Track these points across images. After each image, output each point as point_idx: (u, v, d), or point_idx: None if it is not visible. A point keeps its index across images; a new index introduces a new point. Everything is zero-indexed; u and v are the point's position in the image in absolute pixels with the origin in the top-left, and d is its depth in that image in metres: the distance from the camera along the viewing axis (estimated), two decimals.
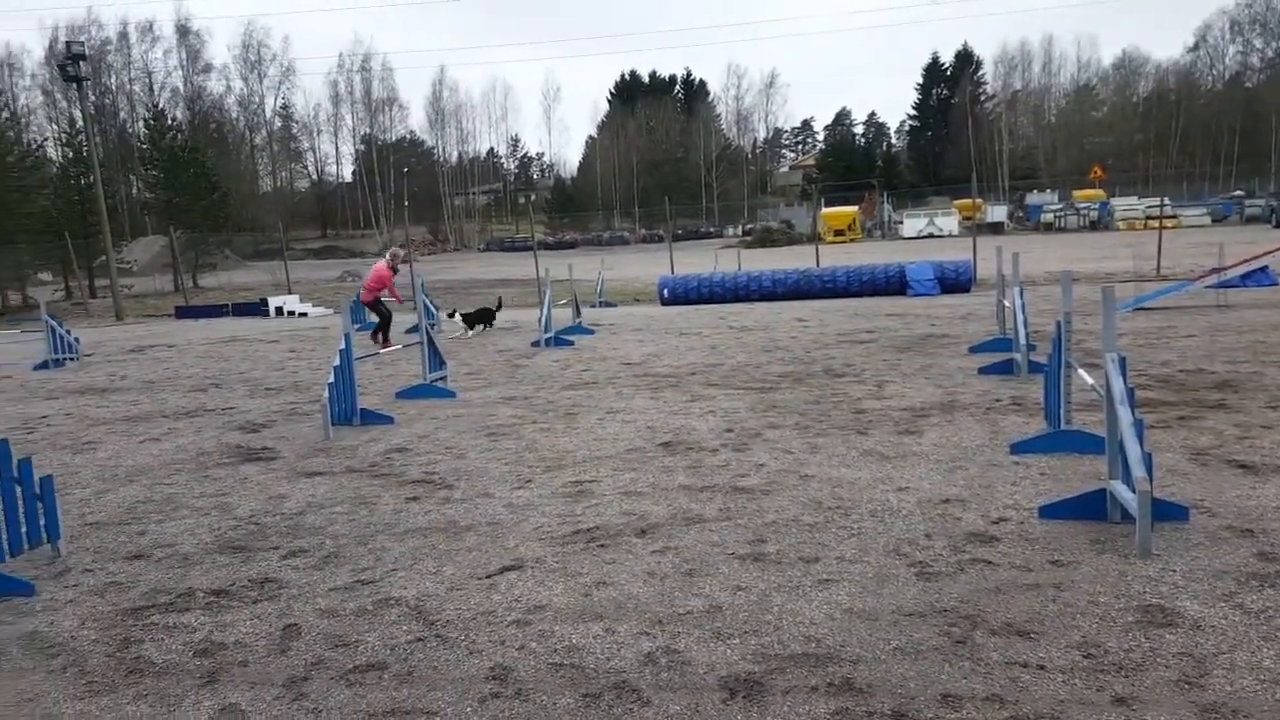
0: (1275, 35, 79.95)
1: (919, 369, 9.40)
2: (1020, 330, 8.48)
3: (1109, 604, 3.54)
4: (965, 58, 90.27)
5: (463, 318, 15.71)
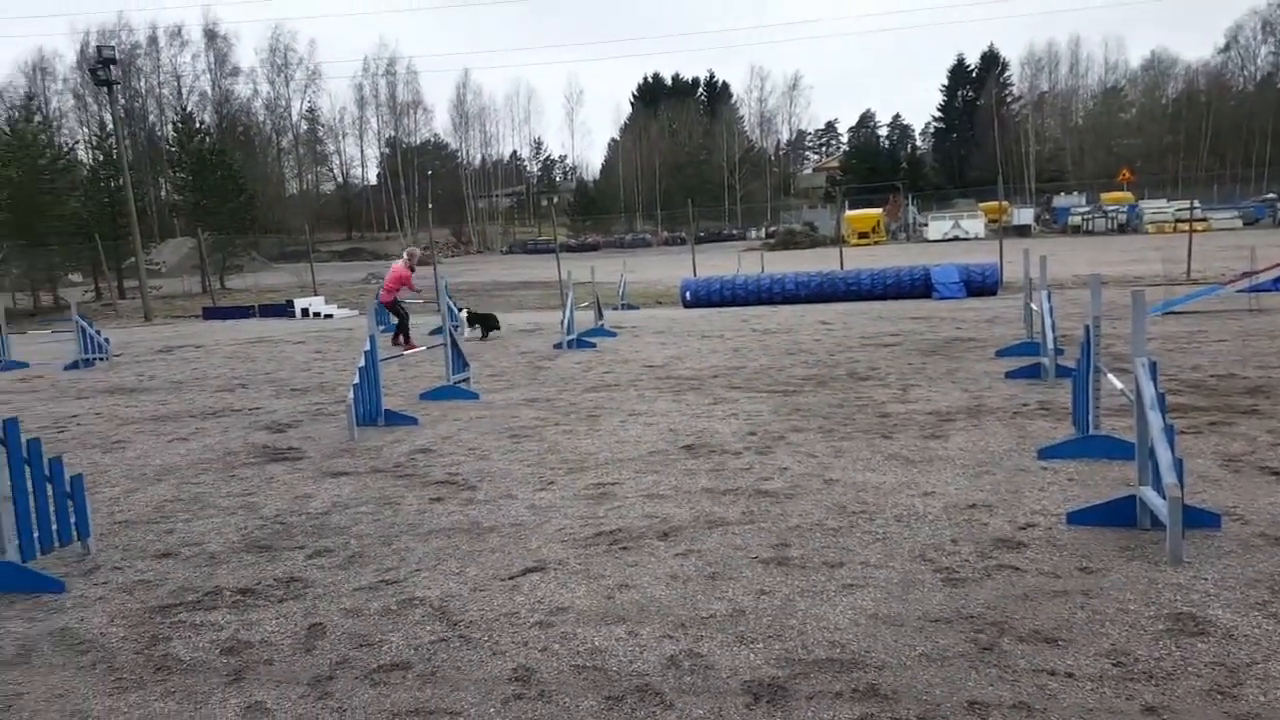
0: None
1: (945, 373, 9.33)
2: (1048, 334, 8.39)
3: (1139, 612, 3.49)
4: (991, 59, 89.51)
5: (468, 315, 15.83)
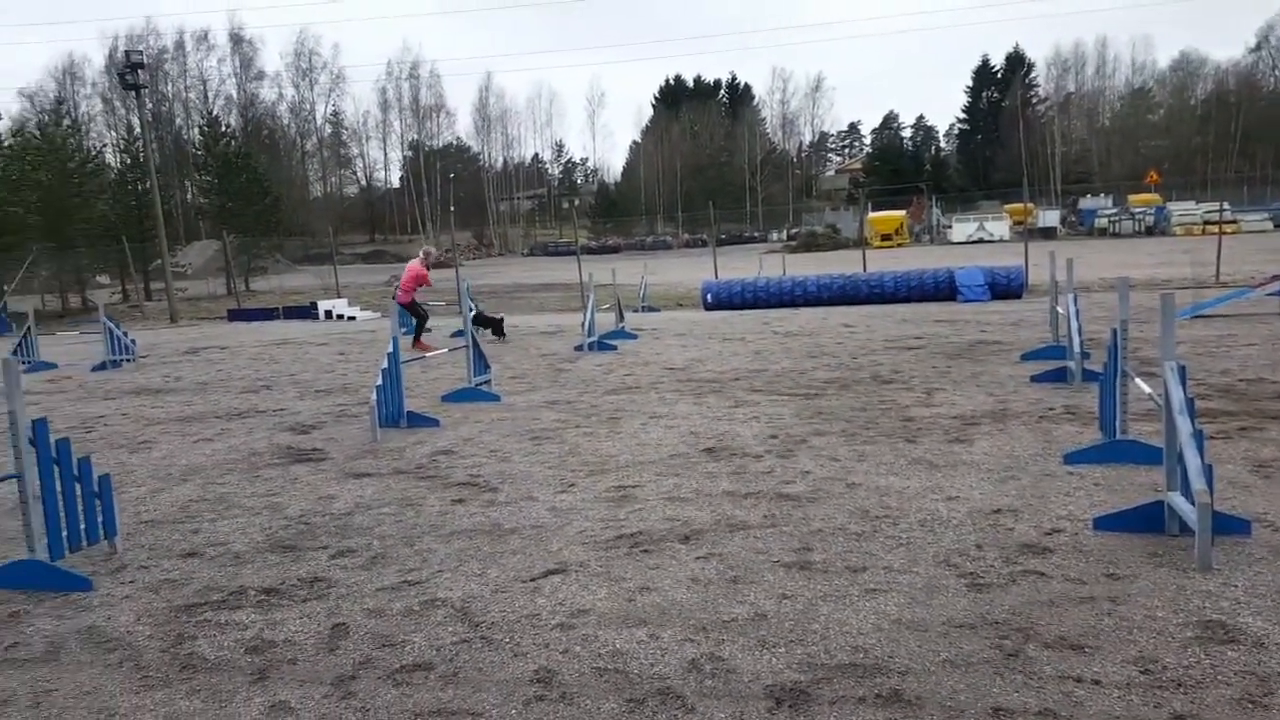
0: None
1: (969, 376, 9.25)
2: (1074, 337, 8.30)
3: (1167, 619, 3.44)
4: (1016, 60, 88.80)
5: (475, 317, 15.90)
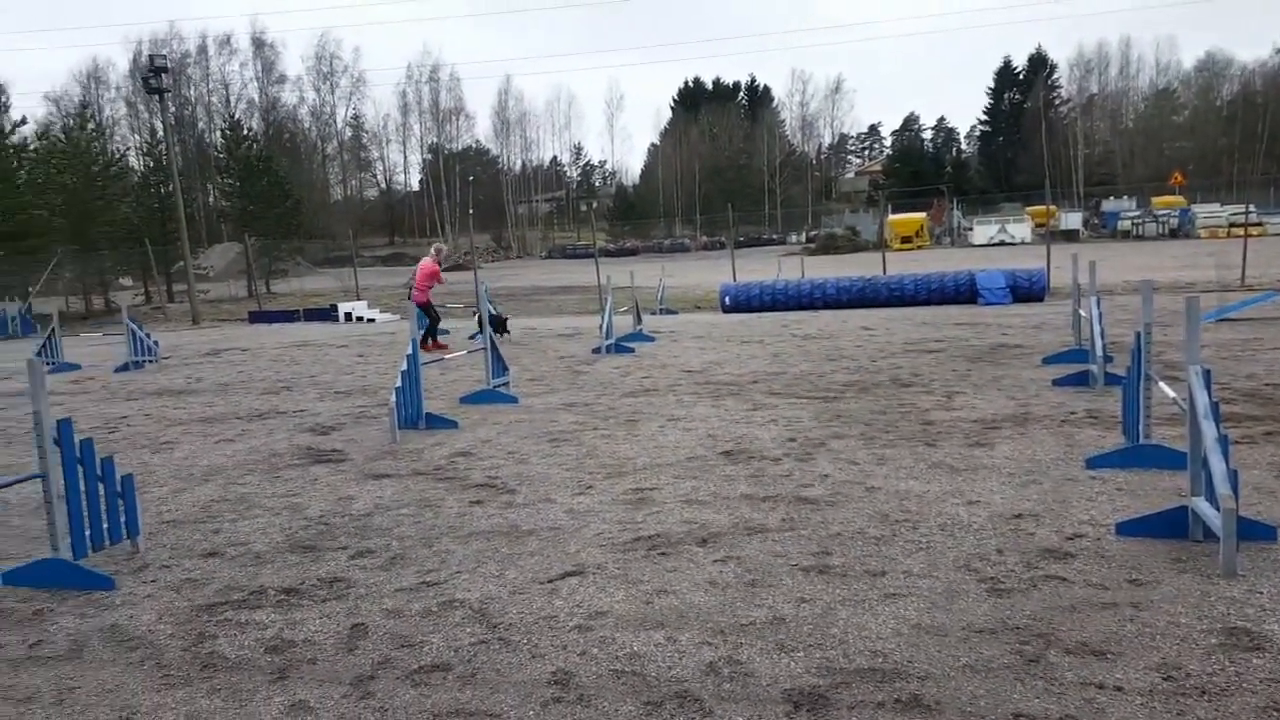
0: None
1: (990, 380, 9.19)
2: (1097, 341, 8.23)
3: (1190, 625, 3.40)
4: (1039, 61, 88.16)
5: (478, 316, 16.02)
